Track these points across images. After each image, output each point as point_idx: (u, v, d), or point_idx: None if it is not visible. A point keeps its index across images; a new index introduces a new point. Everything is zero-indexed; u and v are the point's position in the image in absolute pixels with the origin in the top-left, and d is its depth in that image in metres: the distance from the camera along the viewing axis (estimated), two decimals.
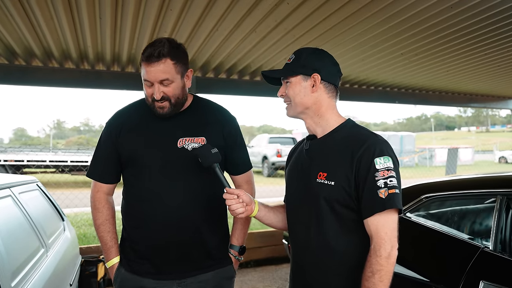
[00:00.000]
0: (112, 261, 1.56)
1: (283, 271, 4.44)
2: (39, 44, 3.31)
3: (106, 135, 1.56)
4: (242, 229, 1.65)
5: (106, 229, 1.57)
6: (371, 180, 1.12)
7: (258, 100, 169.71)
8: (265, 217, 1.38)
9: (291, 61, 1.29)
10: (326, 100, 1.27)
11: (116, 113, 1.60)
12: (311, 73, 1.24)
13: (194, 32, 3.02)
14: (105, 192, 1.59)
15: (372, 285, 1.08)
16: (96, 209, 1.58)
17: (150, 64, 1.40)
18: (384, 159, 1.13)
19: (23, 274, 1.76)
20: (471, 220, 2.05)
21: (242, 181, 1.65)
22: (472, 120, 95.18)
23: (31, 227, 2.17)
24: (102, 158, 1.57)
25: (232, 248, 1.63)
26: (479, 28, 3.01)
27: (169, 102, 1.45)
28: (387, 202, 1.10)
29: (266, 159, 14.77)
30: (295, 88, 1.27)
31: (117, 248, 1.57)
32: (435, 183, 2.30)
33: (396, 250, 1.10)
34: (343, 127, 1.26)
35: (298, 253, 1.29)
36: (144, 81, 1.45)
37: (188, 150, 1.47)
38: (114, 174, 1.58)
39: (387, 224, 1.10)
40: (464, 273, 1.72)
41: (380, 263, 1.08)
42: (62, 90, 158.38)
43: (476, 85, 5.45)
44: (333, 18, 2.79)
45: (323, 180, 1.18)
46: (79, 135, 59.68)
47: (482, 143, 38.47)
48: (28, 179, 2.67)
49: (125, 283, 1.51)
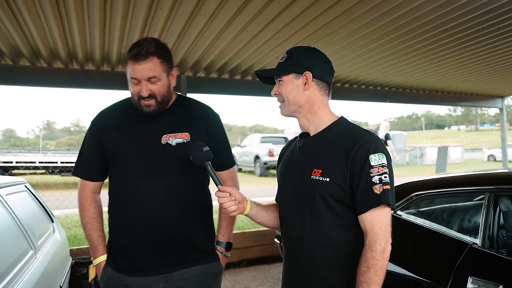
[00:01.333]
0: (98, 259, 1.57)
1: (276, 270, 4.44)
2: (26, 43, 3.26)
3: (91, 133, 1.59)
4: (228, 225, 1.67)
5: (93, 227, 1.59)
6: (366, 176, 1.14)
7: (250, 100, 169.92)
8: (256, 215, 1.39)
9: (284, 60, 1.30)
10: (318, 98, 1.28)
11: (100, 112, 1.62)
12: (303, 71, 1.26)
13: (184, 31, 3.00)
14: (91, 190, 1.61)
15: (367, 279, 1.10)
16: (82, 208, 1.60)
17: (138, 62, 1.42)
18: (379, 156, 1.15)
19: (10, 276, 1.73)
20: (460, 217, 2.07)
21: (226, 177, 1.67)
22: (461, 119, 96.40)
23: (19, 229, 2.13)
24: (87, 156, 1.59)
25: (219, 245, 1.65)
26: (468, 27, 3.05)
27: (155, 100, 1.47)
28: (381, 198, 1.12)
29: (258, 158, 14.77)
30: (288, 86, 1.28)
31: (104, 246, 1.59)
32: (425, 181, 2.32)
33: (390, 244, 1.13)
34: (336, 124, 1.28)
35: (292, 250, 1.29)
36: (131, 79, 1.46)
37: (172, 145, 1.49)
38: (99, 172, 1.59)
39: (382, 220, 1.13)
40: (453, 270, 1.74)
41: (375, 257, 1.10)
42: (52, 90, 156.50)
43: (466, 84, 5.52)
44: (324, 17, 2.80)
45: (318, 177, 1.20)
46: (69, 136, 59.06)
47: (472, 141, 38.97)
48: (16, 180, 2.63)
49: (111, 282, 1.53)
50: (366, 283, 1.10)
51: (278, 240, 3.39)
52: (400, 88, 5.77)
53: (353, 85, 5.41)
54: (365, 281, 1.10)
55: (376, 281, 1.09)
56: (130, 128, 1.53)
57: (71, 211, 6.79)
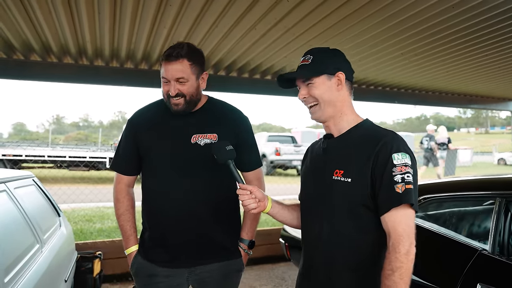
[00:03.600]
0: (130, 249, 1.68)
1: (280, 270, 4.43)
2: (38, 39, 3.29)
3: (127, 131, 1.70)
4: (252, 224, 1.72)
5: (126, 218, 1.69)
6: (388, 176, 1.11)
7: (257, 98, 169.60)
8: (278, 214, 1.40)
9: (310, 61, 1.27)
10: (348, 98, 1.29)
11: (136, 112, 1.74)
12: (335, 72, 1.25)
13: (194, 29, 3.00)
14: (125, 184, 1.71)
15: (392, 283, 1.05)
16: (117, 200, 1.71)
17: (169, 63, 1.53)
18: (402, 155, 1.13)
19: (17, 269, 1.74)
20: (470, 222, 2.04)
21: (252, 177, 1.73)
22: (471, 121, 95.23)
23: (26, 222, 2.15)
24: (122, 152, 1.70)
25: (242, 242, 1.71)
26: (480, 28, 2.99)
27: (184, 99, 1.56)
28: (403, 197, 1.09)
29: (265, 157, 14.74)
30: (321, 88, 1.25)
31: (135, 237, 1.70)
32: (434, 184, 2.29)
33: (414, 247, 1.08)
34: (361, 126, 1.27)
35: (310, 250, 1.29)
36: (162, 79, 1.56)
37: (200, 145, 1.57)
38: (133, 167, 1.70)
39: (404, 220, 1.10)
40: (461, 275, 1.71)
41: (400, 260, 1.06)
42: (62, 86, 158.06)
43: (476, 86, 5.44)
44: (333, 17, 2.77)
45: (339, 177, 1.18)
46: (78, 131, 59.58)
47: (481, 144, 38.47)
48: (23, 174, 2.65)
49: (140, 270, 1.63)
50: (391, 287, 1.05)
51: (283, 240, 3.38)
52: (409, 89, 5.71)
53: (362, 85, 5.37)
54: (390, 285, 1.05)
55: (402, 285, 1.04)
56: (162, 127, 1.63)
57: (78, 205, 6.86)
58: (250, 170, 1.73)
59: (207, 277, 1.61)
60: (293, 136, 16.91)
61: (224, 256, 1.64)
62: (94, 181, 9.56)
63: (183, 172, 1.57)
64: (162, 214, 1.59)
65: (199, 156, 1.57)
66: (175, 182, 1.57)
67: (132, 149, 1.67)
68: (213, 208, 1.59)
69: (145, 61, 4.00)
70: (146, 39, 3.26)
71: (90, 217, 6.30)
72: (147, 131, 1.64)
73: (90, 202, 6.91)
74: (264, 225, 5.65)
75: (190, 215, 1.56)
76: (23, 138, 31.34)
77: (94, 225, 5.71)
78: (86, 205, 7.05)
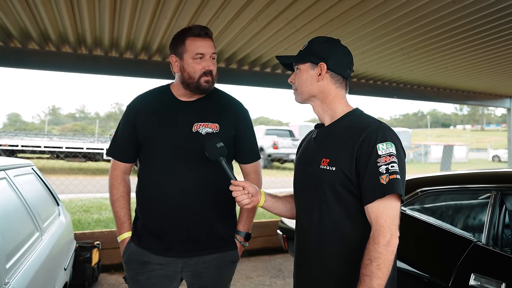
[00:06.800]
0: (123, 235, 1.64)
1: (277, 261, 4.48)
2: (36, 27, 3.26)
3: (125, 117, 1.66)
4: (248, 216, 1.72)
5: (121, 204, 1.66)
6: (372, 166, 1.12)
7: (255, 92, 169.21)
8: (272, 207, 1.41)
9: (304, 48, 1.30)
10: (333, 90, 1.28)
11: (137, 97, 1.70)
12: (318, 62, 1.25)
13: (194, 19, 2.98)
14: (121, 170, 1.68)
15: (369, 272, 1.07)
16: (112, 186, 1.67)
17: (202, 39, 1.54)
18: (387, 145, 1.13)
19: (17, 256, 1.76)
20: (465, 215, 2.07)
21: (250, 170, 1.74)
22: (467, 118, 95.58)
23: (26, 210, 2.16)
24: (120, 138, 1.67)
25: (238, 234, 1.70)
26: (480, 24, 3.01)
27: (212, 77, 1.57)
28: (387, 188, 1.09)
29: (262, 150, 14.78)
30: (302, 76, 1.29)
31: (129, 223, 1.66)
32: (431, 177, 2.32)
33: (396, 238, 1.09)
34: (350, 115, 1.27)
35: (303, 240, 1.30)
36: (195, 56, 1.53)
37: (201, 134, 1.55)
38: (130, 154, 1.67)
39: (387, 212, 1.10)
40: (456, 266, 1.74)
41: (378, 250, 1.07)
42: (58, 76, 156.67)
43: (474, 82, 5.46)
44: (334, 10, 2.78)
45: (325, 166, 1.19)
46: (74, 122, 59.24)
47: (477, 141, 38.70)
48: (23, 162, 2.65)
49: (133, 256, 1.60)
50: (368, 276, 1.07)
51: (281, 231, 3.41)
52: (408, 84, 5.72)
53: (361, 79, 5.38)
54: (367, 274, 1.07)
55: (379, 275, 1.06)
56: (164, 114, 1.60)
57: (75, 195, 6.86)
58: (248, 162, 1.72)
59: (202, 269, 1.59)
60: (291, 130, 16.94)
61: (220, 247, 1.62)
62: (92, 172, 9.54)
63: (183, 160, 1.55)
64: (159, 203, 1.55)
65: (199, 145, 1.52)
66: (173, 170, 1.55)
67: (130, 135, 1.63)
68: (212, 198, 1.57)
69: (145, 52, 3.98)
70: (146, 29, 3.25)
71: (87, 208, 6.31)
72: (147, 118, 1.60)
73: (88, 192, 6.92)
74: (261, 217, 5.69)
75: (187, 205, 1.54)
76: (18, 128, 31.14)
77: (92, 216, 5.72)
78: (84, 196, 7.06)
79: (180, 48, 1.56)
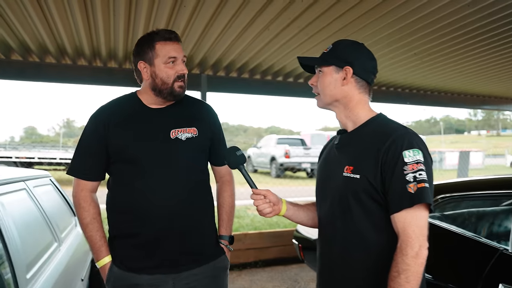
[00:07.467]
0: (103, 261, 1.50)
1: (292, 271, 4.41)
2: (53, 41, 3.34)
3: (91, 130, 1.51)
4: (229, 219, 1.69)
5: (95, 228, 1.53)
6: (399, 174, 1.07)
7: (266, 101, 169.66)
8: (293, 215, 1.38)
9: (328, 50, 1.27)
10: (356, 95, 1.24)
11: (101, 107, 1.57)
12: (344, 66, 1.22)
13: (207, 29, 3.01)
14: (89, 190, 1.55)
15: (398, 285, 1.03)
16: (82, 208, 1.53)
17: (174, 42, 1.50)
18: (414, 152, 1.08)
19: (37, 267, 1.77)
20: (489, 222, 2.01)
21: (225, 172, 1.72)
22: (482, 123, 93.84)
23: (45, 221, 2.18)
24: (87, 154, 1.52)
25: (222, 239, 1.66)
26: (496, 27, 2.96)
27: (184, 82, 1.52)
28: (416, 197, 1.05)
29: (274, 160, 14.73)
30: (326, 79, 1.25)
31: (106, 247, 1.52)
32: (452, 184, 2.27)
33: (425, 249, 1.05)
34: (373, 120, 1.23)
35: (326, 249, 1.27)
36: (168, 60, 1.48)
37: (182, 140, 1.50)
38: (100, 171, 1.54)
39: (415, 221, 1.06)
40: (482, 276, 1.68)
41: (406, 262, 1.03)
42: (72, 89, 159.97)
43: (490, 86, 5.37)
44: (347, 16, 2.77)
45: (349, 174, 1.16)
46: None
47: (493, 146, 37.90)
48: (41, 173, 2.69)
49: (119, 282, 1.47)
50: None
51: (297, 241, 3.36)
52: (421, 90, 5.66)
53: (374, 86, 5.31)
54: (395, 287, 1.03)
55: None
56: (137, 123, 1.50)
57: None
58: (224, 164, 1.68)
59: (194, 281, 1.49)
60: (303, 139, 16.87)
61: (209, 256, 1.56)
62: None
63: (166, 169, 1.46)
64: (144, 216, 1.44)
65: (182, 151, 1.49)
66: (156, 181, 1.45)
67: (99, 150, 1.49)
68: (198, 205, 1.52)
69: None
70: None
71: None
72: (119, 129, 1.48)
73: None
74: (275, 226, 5.64)
75: (175, 214, 1.45)
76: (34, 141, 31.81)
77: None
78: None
79: (149, 53, 1.48)
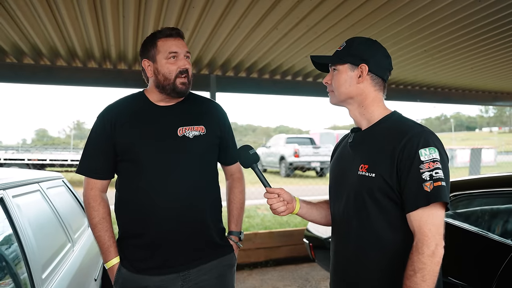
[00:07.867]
0: (111, 262, 1.50)
1: (303, 270, 4.40)
2: (64, 44, 3.39)
3: (99, 128, 1.52)
4: (239, 215, 1.68)
5: (104, 227, 1.53)
6: (415, 173, 1.07)
7: (274, 101, 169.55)
8: (307, 214, 1.38)
9: (342, 48, 1.26)
10: (372, 93, 1.23)
11: (109, 106, 1.57)
12: (359, 63, 1.21)
13: (216, 30, 3.03)
14: (99, 189, 1.54)
15: (414, 284, 1.02)
16: (91, 208, 1.53)
17: (176, 39, 1.51)
18: (430, 150, 1.08)
19: (52, 266, 1.79)
20: (503, 219, 1.98)
21: (235, 170, 1.73)
22: (494, 120, 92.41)
23: (59, 222, 2.21)
24: (96, 153, 1.52)
25: (233, 234, 1.65)
26: (507, 22, 2.91)
27: (188, 78, 1.51)
28: (432, 196, 1.04)
29: (284, 159, 14.72)
30: (341, 77, 1.24)
31: (115, 247, 1.52)
32: (464, 181, 2.24)
33: (441, 248, 1.05)
34: (388, 118, 1.22)
35: (340, 248, 1.27)
36: (169, 55, 1.48)
37: (189, 138, 1.49)
38: (109, 170, 1.54)
39: (431, 220, 1.05)
40: (497, 274, 1.66)
41: (422, 261, 1.02)
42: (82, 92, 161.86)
43: (502, 82, 5.29)
44: (356, 14, 2.75)
45: (364, 173, 1.15)
46: None
47: (506, 143, 37.28)
48: (54, 175, 2.73)
49: (128, 284, 1.46)
50: None
51: (307, 240, 3.36)
52: (431, 87, 5.60)
53: None
54: (411, 286, 1.02)
55: (423, 287, 1.01)
56: (145, 121, 1.50)
57: None
58: (234, 163, 1.70)
59: (202, 281, 1.49)
60: (312, 138, 16.82)
61: (217, 253, 1.55)
62: None
63: (174, 167, 1.45)
64: (152, 215, 1.44)
65: (190, 149, 1.48)
66: (164, 179, 1.44)
67: (107, 148, 1.49)
68: (206, 203, 1.52)
69: None
70: None
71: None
72: (127, 127, 1.48)
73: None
74: (286, 226, 5.63)
75: (184, 213, 1.45)
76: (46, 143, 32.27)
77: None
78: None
79: (152, 51, 1.50)
